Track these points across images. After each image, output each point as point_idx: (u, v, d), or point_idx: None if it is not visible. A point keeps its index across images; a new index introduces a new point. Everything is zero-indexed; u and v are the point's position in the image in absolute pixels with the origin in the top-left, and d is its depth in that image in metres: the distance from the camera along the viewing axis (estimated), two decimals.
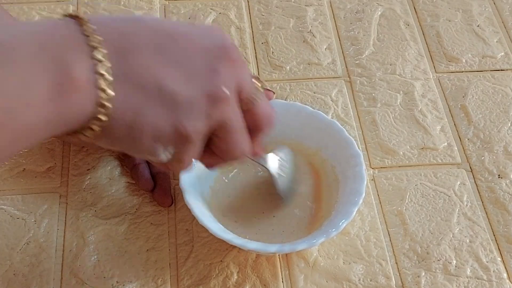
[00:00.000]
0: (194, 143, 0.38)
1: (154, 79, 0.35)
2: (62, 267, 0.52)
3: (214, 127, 0.38)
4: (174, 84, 0.36)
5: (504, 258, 0.54)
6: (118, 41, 0.35)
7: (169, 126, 0.36)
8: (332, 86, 0.66)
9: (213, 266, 0.52)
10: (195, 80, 0.36)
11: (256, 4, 0.73)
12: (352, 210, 0.50)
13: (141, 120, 0.35)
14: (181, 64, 0.36)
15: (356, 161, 0.53)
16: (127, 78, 0.35)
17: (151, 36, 0.36)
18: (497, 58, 0.69)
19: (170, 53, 0.36)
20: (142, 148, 0.37)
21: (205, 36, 0.38)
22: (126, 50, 0.35)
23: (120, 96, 0.34)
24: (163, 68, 0.36)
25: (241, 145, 0.41)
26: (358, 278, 0.52)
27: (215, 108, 0.37)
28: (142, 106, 0.35)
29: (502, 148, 0.61)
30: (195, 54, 0.37)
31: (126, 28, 0.36)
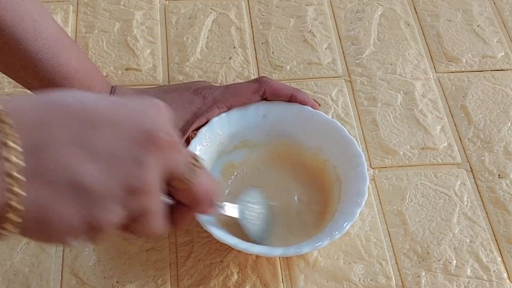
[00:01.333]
0: (107, 232, 0.36)
1: (68, 176, 0.33)
2: (62, 267, 0.52)
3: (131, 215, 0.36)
4: (89, 179, 0.34)
5: (504, 258, 0.54)
6: (33, 134, 0.33)
7: (79, 220, 0.34)
8: (332, 85, 0.66)
9: (213, 266, 0.52)
10: (114, 172, 0.34)
11: (256, 4, 0.73)
12: (355, 211, 0.50)
13: (49, 217, 0.33)
14: (99, 156, 0.34)
15: (358, 162, 0.53)
16: (39, 176, 0.33)
17: (69, 124, 0.34)
18: (497, 58, 0.69)
19: (89, 145, 0.34)
20: (52, 240, 0.35)
21: (132, 120, 0.36)
22: (41, 145, 0.33)
23: (30, 196, 0.32)
24: (80, 163, 0.33)
25: (158, 229, 0.39)
26: (358, 278, 0.52)
27: (133, 200, 0.35)
28: (51, 202, 0.33)
29: (502, 148, 0.61)
30: (116, 143, 0.35)
31: (44, 117, 0.34)
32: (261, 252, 0.49)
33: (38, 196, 0.33)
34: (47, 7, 0.71)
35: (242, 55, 0.68)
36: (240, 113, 0.56)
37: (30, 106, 0.34)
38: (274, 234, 0.53)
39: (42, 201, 0.33)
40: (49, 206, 0.33)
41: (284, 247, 0.49)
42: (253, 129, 0.57)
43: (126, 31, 0.70)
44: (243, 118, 0.56)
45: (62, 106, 0.34)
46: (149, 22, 0.71)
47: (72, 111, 0.34)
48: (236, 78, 0.66)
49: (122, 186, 0.34)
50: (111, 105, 0.36)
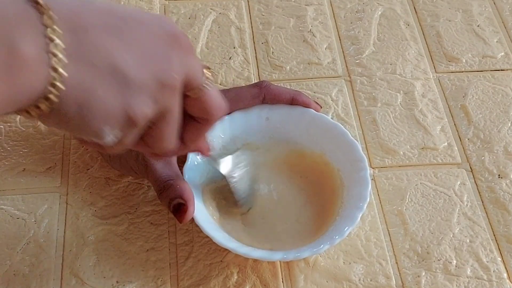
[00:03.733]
0: (139, 127, 0.37)
1: (107, 59, 0.35)
2: (62, 267, 0.52)
3: (157, 114, 0.38)
4: (127, 66, 0.35)
5: (504, 258, 0.54)
6: (71, 20, 0.34)
7: (119, 108, 0.36)
8: (332, 85, 0.66)
9: (213, 266, 0.52)
10: (147, 65, 0.36)
11: (256, 4, 0.73)
12: (356, 215, 0.50)
13: (92, 100, 0.35)
14: (133, 47, 0.36)
15: (361, 166, 0.53)
16: (81, 57, 0.34)
17: (104, 17, 0.36)
18: (497, 58, 0.69)
19: (123, 36, 0.36)
20: (90, 129, 0.36)
21: (156, 22, 0.38)
22: (80, 29, 0.34)
23: (72, 76, 0.33)
24: (117, 49, 0.35)
25: (172, 137, 0.40)
26: (358, 278, 0.52)
27: (163, 94, 0.37)
28: (94, 86, 0.34)
29: (502, 148, 0.61)
30: (147, 39, 0.37)
31: (79, 8, 0.35)
32: (261, 256, 0.49)
33: (80, 77, 0.34)
34: None
35: (242, 55, 0.68)
36: (243, 116, 0.56)
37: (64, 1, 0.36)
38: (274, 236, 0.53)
39: (85, 83, 0.34)
40: (91, 88, 0.34)
41: (284, 251, 0.49)
42: (255, 132, 0.56)
43: None
44: (245, 121, 0.56)
45: (93, 3, 0.36)
46: None
47: (103, 7, 0.36)
48: (236, 78, 0.66)
49: (154, 79, 0.36)
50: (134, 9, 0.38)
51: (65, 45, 0.33)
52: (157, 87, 0.36)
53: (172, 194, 0.49)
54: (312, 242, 0.50)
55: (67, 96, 0.34)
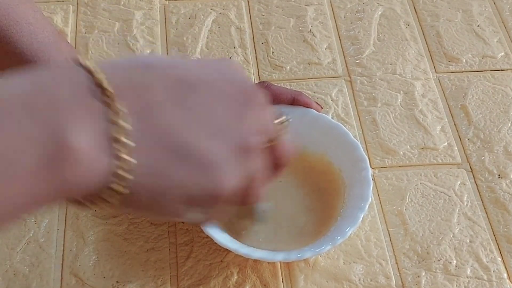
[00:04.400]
0: (225, 200, 0.34)
1: (177, 138, 0.31)
2: (62, 267, 0.52)
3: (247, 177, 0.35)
4: (200, 142, 0.32)
5: (504, 258, 0.54)
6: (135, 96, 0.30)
7: (200, 188, 0.32)
8: (332, 85, 0.66)
9: (213, 266, 0.52)
10: (222, 134, 0.33)
11: (256, 4, 0.73)
12: (358, 216, 0.50)
13: (165, 185, 0.31)
14: (204, 118, 0.32)
15: (362, 166, 0.53)
16: (148, 141, 0.30)
17: (168, 88, 0.31)
18: (497, 58, 0.69)
19: (191, 106, 0.32)
20: (167, 212, 0.33)
21: (224, 78, 0.34)
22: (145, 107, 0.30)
23: (140, 163, 0.30)
24: (186, 125, 0.31)
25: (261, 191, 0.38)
26: (358, 278, 0.52)
27: (247, 161, 0.34)
28: (165, 169, 0.31)
29: (502, 148, 0.61)
30: (218, 103, 0.33)
31: (139, 78, 0.31)
32: (262, 257, 0.49)
33: (149, 162, 0.30)
34: (47, 7, 0.71)
35: (242, 55, 0.68)
36: None
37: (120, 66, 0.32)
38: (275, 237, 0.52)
39: (155, 167, 0.30)
40: (162, 173, 0.31)
41: (286, 252, 0.49)
42: None
43: (126, 31, 0.70)
44: None
45: (153, 68, 0.32)
46: (149, 22, 0.71)
47: (165, 73, 0.32)
48: None
49: (233, 147, 0.33)
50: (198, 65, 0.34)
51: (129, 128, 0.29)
52: (240, 156, 0.33)
53: None
54: (313, 243, 0.50)
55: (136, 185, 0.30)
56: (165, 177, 0.31)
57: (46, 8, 0.71)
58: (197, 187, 0.32)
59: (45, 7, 0.71)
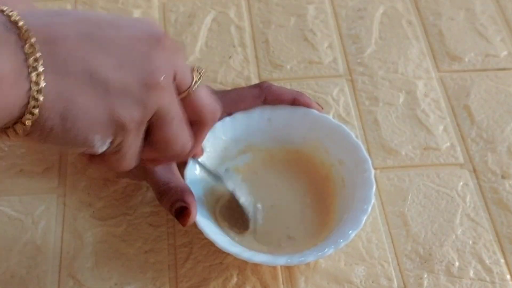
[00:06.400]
0: (130, 132, 0.36)
1: (82, 65, 0.34)
2: (60, 268, 0.52)
3: (150, 115, 0.37)
4: (105, 71, 0.35)
5: (507, 259, 0.53)
6: (45, 31, 0.34)
7: (103, 114, 0.35)
8: (333, 85, 0.65)
9: (213, 268, 0.52)
10: (128, 67, 0.35)
11: (256, 3, 0.73)
12: (361, 218, 0.49)
13: (74, 110, 0.34)
14: (111, 51, 0.35)
15: (365, 167, 0.52)
16: (56, 66, 0.34)
17: (78, 25, 0.35)
18: (500, 57, 0.68)
19: (99, 41, 0.35)
20: (77, 140, 0.35)
21: (135, 25, 0.37)
22: (54, 39, 0.34)
23: (50, 86, 0.33)
24: (93, 55, 0.35)
25: (181, 137, 0.40)
26: (360, 280, 0.52)
27: (150, 95, 0.36)
28: (73, 94, 0.34)
29: (506, 148, 0.60)
30: (125, 42, 0.36)
31: (52, 19, 0.35)
32: (265, 261, 0.48)
33: (58, 87, 0.33)
34: (44, 6, 0.71)
35: (242, 54, 0.68)
36: (244, 117, 0.55)
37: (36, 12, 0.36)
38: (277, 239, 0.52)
39: (64, 93, 0.34)
40: (71, 97, 0.34)
41: (288, 255, 0.49)
42: (257, 134, 0.56)
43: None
44: (247, 122, 0.56)
45: (66, 13, 0.36)
46: None
47: (76, 16, 0.36)
48: (236, 78, 0.65)
49: (137, 80, 0.35)
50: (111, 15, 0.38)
51: (42, 57, 0.33)
52: (142, 89, 0.36)
53: (173, 198, 0.48)
54: (316, 246, 0.49)
55: (47, 108, 0.33)
56: (71, 102, 0.34)
57: (44, 7, 0.71)
58: (99, 112, 0.35)
59: (43, 6, 0.71)
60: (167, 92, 0.37)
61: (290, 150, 0.56)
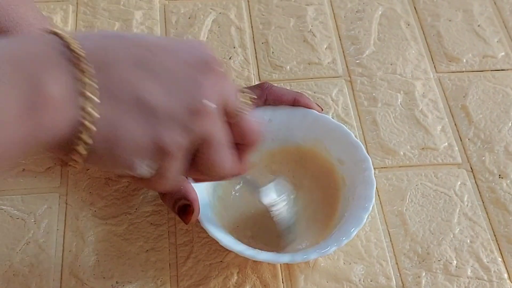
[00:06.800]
0: (174, 157, 0.36)
1: (132, 92, 0.34)
2: (62, 267, 0.52)
3: (196, 142, 0.37)
4: (153, 97, 0.35)
5: (504, 258, 0.54)
6: (96, 56, 0.34)
7: (148, 139, 0.35)
8: (332, 85, 0.66)
9: (213, 266, 0.52)
10: (175, 93, 0.35)
11: (256, 4, 0.73)
12: (362, 216, 0.49)
13: (120, 135, 0.34)
14: (160, 76, 0.35)
15: (365, 166, 0.53)
16: (105, 92, 0.34)
17: (130, 50, 0.35)
18: (497, 58, 0.69)
19: (148, 66, 0.35)
20: (121, 163, 0.36)
21: (186, 50, 0.37)
22: (103, 64, 0.34)
23: (102, 115, 0.34)
24: (141, 80, 0.35)
25: (226, 162, 0.39)
26: (359, 278, 0.52)
27: (196, 122, 0.36)
28: (120, 119, 0.34)
29: (503, 148, 0.61)
30: (176, 67, 0.36)
31: (102, 43, 0.35)
32: (268, 259, 0.48)
33: (108, 114, 0.34)
34: (46, 7, 0.71)
35: (242, 55, 0.68)
36: None
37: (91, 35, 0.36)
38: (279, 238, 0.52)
39: (112, 119, 0.34)
40: (119, 123, 0.34)
41: (291, 254, 0.49)
42: None
43: (126, 31, 0.69)
44: None
45: (120, 36, 0.37)
46: (149, 22, 0.71)
47: (130, 40, 0.36)
48: (236, 78, 0.66)
49: (183, 107, 0.36)
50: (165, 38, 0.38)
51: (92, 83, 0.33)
52: (188, 115, 0.36)
53: (176, 195, 0.49)
54: (318, 244, 0.50)
55: (98, 136, 0.34)
56: (120, 127, 0.34)
57: (45, 8, 0.71)
58: (144, 137, 0.35)
59: (44, 7, 0.71)
60: (214, 118, 0.37)
61: (291, 150, 0.56)
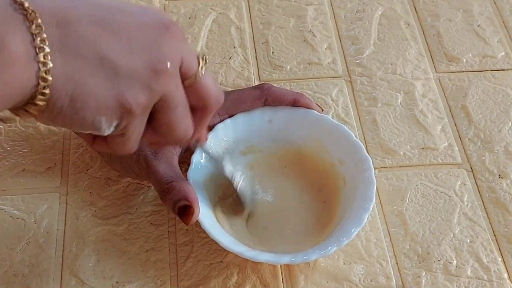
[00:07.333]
0: (136, 116, 0.37)
1: (93, 49, 0.35)
2: (62, 267, 0.52)
3: (156, 100, 0.38)
4: (115, 55, 0.35)
5: (504, 258, 0.54)
6: (53, 13, 0.34)
7: (111, 97, 0.36)
8: (332, 85, 0.66)
9: (213, 266, 0.52)
10: (137, 53, 0.36)
11: (256, 4, 0.73)
12: (363, 216, 0.49)
13: (83, 92, 0.35)
14: (121, 36, 0.36)
15: (365, 166, 0.53)
16: (66, 48, 0.34)
17: (89, 10, 0.36)
18: (497, 58, 0.69)
19: (110, 26, 0.36)
20: (85, 121, 0.36)
21: (144, 12, 0.38)
22: (64, 21, 0.35)
23: (59, 67, 0.34)
24: (102, 38, 0.35)
25: (184, 123, 0.40)
26: (359, 278, 0.52)
27: (157, 81, 0.37)
28: (83, 76, 0.35)
29: (503, 148, 0.61)
30: (135, 28, 0.37)
31: (65, 4, 0.36)
32: (268, 260, 0.49)
33: (68, 69, 0.34)
34: None
35: (242, 55, 0.68)
36: (245, 118, 0.56)
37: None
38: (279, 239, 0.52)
39: (73, 74, 0.34)
40: (81, 79, 0.34)
41: (292, 255, 0.49)
42: (258, 135, 0.56)
43: None
44: (248, 123, 0.56)
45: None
46: None
47: (90, 2, 0.37)
48: (236, 78, 0.66)
49: (145, 66, 0.36)
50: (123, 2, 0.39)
51: (49, 38, 0.34)
52: (149, 74, 0.36)
53: (176, 196, 0.49)
54: (318, 244, 0.50)
55: (57, 88, 0.34)
56: (80, 84, 0.35)
57: None
58: (107, 95, 0.35)
59: None
60: (174, 78, 0.38)
61: (291, 151, 0.56)
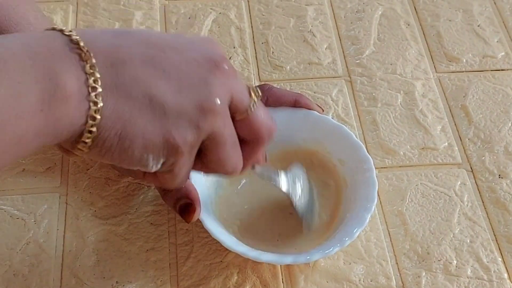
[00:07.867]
0: (184, 154, 0.37)
1: (143, 90, 0.35)
2: (62, 267, 0.52)
3: (204, 138, 0.38)
4: (163, 95, 0.36)
5: (504, 258, 0.54)
6: (107, 53, 0.35)
7: (158, 136, 0.36)
8: (332, 86, 0.66)
9: (213, 266, 0.52)
10: (185, 91, 0.37)
11: (256, 4, 0.73)
12: (365, 216, 0.49)
13: (131, 130, 0.36)
14: (171, 75, 0.36)
15: (366, 167, 0.52)
16: (118, 89, 0.35)
17: (140, 49, 0.36)
18: (497, 58, 0.69)
19: (160, 65, 0.36)
20: (132, 159, 0.37)
21: (195, 48, 0.38)
22: (116, 61, 0.35)
23: (110, 107, 0.35)
24: (153, 79, 0.36)
25: (232, 159, 0.40)
26: (359, 278, 0.52)
27: (204, 119, 0.37)
28: (132, 116, 0.35)
29: (503, 148, 0.61)
30: (185, 65, 0.37)
31: (115, 41, 0.36)
32: (271, 260, 0.48)
33: (117, 108, 0.35)
34: (47, 7, 0.71)
35: (242, 55, 0.68)
36: None
37: (100, 32, 0.37)
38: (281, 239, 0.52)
39: (123, 114, 0.35)
40: (130, 119, 0.35)
41: (294, 255, 0.49)
42: None
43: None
44: None
45: (129, 34, 0.37)
46: (149, 22, 0.71)
47: (140, 38, 0.37)
48: None
49: (193, 105, 0.36)
50: (174, 36, 0.39)
51: (102, 78, 0.34)
52: (197, 113, 0.37)
53: (177, 195, 0.49)
54: (321, 245, 0.50)
55: (106, 127, 0.35)
56: (129, 123, 0.35)
57: (46, 8, 0.71)
58: (155, 134, 0.36)
59: (45, 7, 0.71)
60: (222, 116, 0.38)
61: (292, 152, 0.56)
